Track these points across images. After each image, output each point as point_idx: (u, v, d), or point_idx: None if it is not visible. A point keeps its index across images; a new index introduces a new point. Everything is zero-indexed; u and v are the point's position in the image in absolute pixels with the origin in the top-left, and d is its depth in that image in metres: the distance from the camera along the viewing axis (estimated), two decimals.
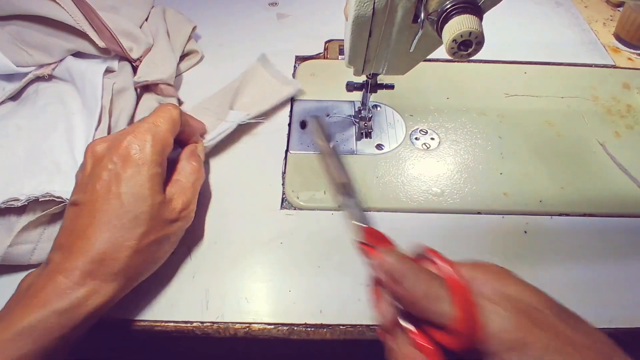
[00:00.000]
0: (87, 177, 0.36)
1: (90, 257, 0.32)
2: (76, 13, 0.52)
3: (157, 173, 0.36)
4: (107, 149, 0.36)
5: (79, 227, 0.34)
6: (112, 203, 0.34)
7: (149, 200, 0.35)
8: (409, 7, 0.34)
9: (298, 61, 0.62)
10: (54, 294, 0.31)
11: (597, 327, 0.38)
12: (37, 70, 0.54)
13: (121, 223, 0.33)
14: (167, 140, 0.38)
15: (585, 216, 0.46)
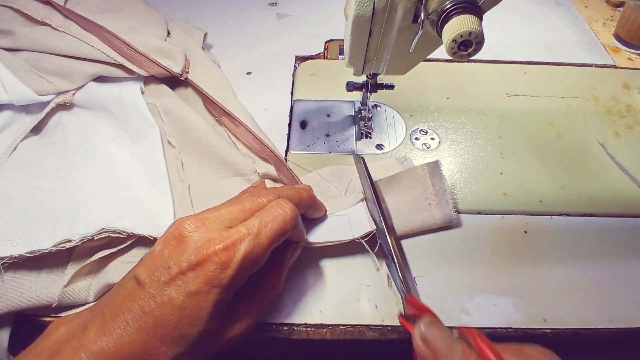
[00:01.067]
0: (162, 259, 0.31)
1: (121, 349, 0.29)
2: (105, 48, 0.52)
3: (224, 300, 0.31)
4: (195, 239, 0.31)
5: (126, 310, 0.30)
6: (165, 310, 0.30)
7: (202, 325, 0.30)
8: (409, 7, 0.34)
9: (298, 61, 0.62)
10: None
11: (597, 327, 0.38)
12: (57, 97, 0.52)
13: (163, 333, 0.29)
14: (260, 259, 0.31)
15: (585, 216, 0.46)
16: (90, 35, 0.52)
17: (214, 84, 0.54)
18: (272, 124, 0.53)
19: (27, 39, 0.52)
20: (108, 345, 0.29)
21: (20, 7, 0.53)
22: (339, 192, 0.45)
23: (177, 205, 0.43)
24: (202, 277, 0.30)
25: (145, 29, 0.57)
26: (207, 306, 0.30)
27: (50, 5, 0.54)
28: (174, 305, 0.29)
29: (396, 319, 0.38)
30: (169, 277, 0.30)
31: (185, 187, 0.44)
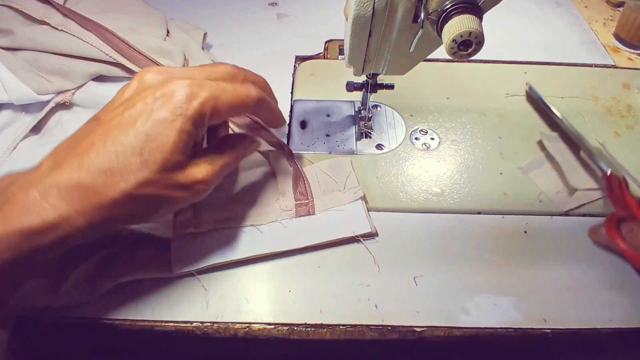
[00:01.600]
0: (123, 99, 0.33)
1: (76, 180, 0.29)
2: (104, 46, 0.52)
3: (189, 131, 0.32)
4: (156, 82, 0.33)
5: (84, 143, 0.30)
6: (130, 136, 0.30)
7: (166, 152, 0.31)
8: (409, 7, 0.34)
9: (298, 61, 0.62)
10: (21, 209, 0.28)
11: (597, 327, 0.38)
12: (57, 97, 0.52)
13: (126, 160, 0.30)
14: (220, 112, 0.33)
15: (585, 216, 0.46)
16: (89, 34, 0.52)
17: None
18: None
19: (26, 38, 0.52)
20: (63, 178, 0.29)
21: (19, 6, 0.53)
22: (338, 185, 0.45)
23: None
24: (167, 105, 0.31)
25: (144, 28, 0.57)
26: (172, 134, 0.31)
27: (49, 4, 0.54)
28: (139, 131, 0.30)
29: (396, 319, 0.38)
30: (132, 109, 0.31)
31: None
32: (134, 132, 0.30)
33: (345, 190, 0.45)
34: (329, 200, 0.44)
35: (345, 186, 0.45)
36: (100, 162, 0.29)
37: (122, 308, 0.38)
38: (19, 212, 0.27)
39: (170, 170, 0.31)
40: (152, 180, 0.31)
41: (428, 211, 0.46)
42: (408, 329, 0.38)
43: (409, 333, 0.38)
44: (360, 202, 0.44)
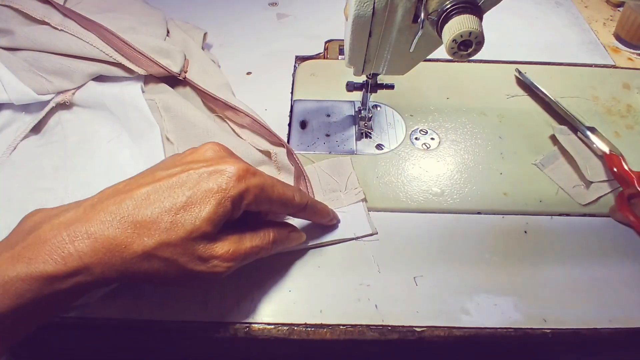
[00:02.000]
0: (182, 162, 0.34)
1: (107, 230, 0.29)
2: (104, 46, 0.52)
3: (226, 209, 0.32)
4: (215, 157, 0.34)
5: (128, 192, 0.31)
6: (172, 197, 0.31)
7: (196, 221, 0.31)
8: (409, 7, 0.34)
9: (298, 61, 0.62)
10: (48, 250, 0.28)
11: (597, 327, 0.38)
12: (57, 97, 0.52)
13: (159, 217, 0.30)
14: (262, 202, 0.34)
15: (584, 216, 0.46)
16: (89, 34, 0.52)
17: (213, 83, 0.54)
18: (272, 124, 0.53)
19: (26, 38, 0.52)
20: (95, 226, 0.29)
21: (19, 6, 0.53)
22: (338, 185, 0.46)
23: None
24: (216, 179, 0.32)
25: (144, 28, 0.57)
26: (210, 205, 0.31)
27: (49, 4, 0.54)
28: (177, 194, 0.31)
29: (396, 319, 0.38)
30: (179, 174, 0.32)
31: None
32: (176, 194, 0.31)
33: (347, 191, 0.45)
34: (330, 200, 0.44)
35: (346, 187, 0.46)
36: (135, 213, 0.30)
37: (122, 308, 0.38)
38: (46, 253, 0.28)
39: (194, 239, 0.31)
40: (173, 243, 0.30)
41: (428, 211, 0.46)
42: (408, 329, 0.38)
43: (409, 333, 0.38)
44: (361, 204, 0.45)
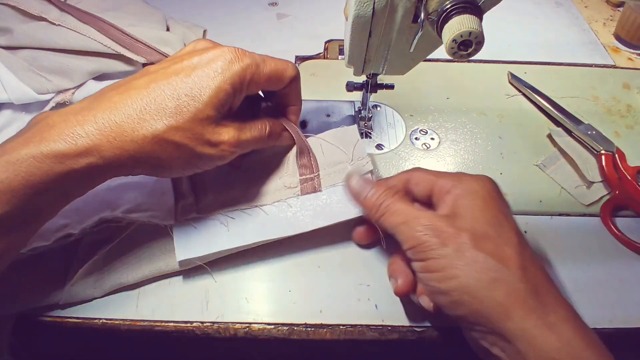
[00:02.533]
0: (173, 57, 0.36)
1: (112, 115, 0.31)
2: (103, 38, 0.51)
3: (226, 92, 0.33)
4: (207, 49, 0.36)
5: (127, 85, 0.33)
6: (171, 84, 0.32)
7: (200, 104, 0.32)
8: (409, 7, 0.34)
9: (298, 61, 0.62)
10: (58, 132, 0.30)
11: (597, 327, 0.38)
12: (57, 96, 0.52)
13: (163, 104, 0.32)
14: (259, 80, 0.35)
15: (585, 216, 0.46)
16: (88, 27, 0.52)
17: None
18: None
19: (24, 35, 0.51)
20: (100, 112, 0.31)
21: (17, 3, 0.53)
22: (344, 156, 0.43)
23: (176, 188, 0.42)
24: (212, 64, 0.33)
25: (145, 24, 0.57)
26: (210, 89, 0.33)
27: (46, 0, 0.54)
28: (178, 80, 0.33)
29: (396, 319, 0.38)
30: (178, 64, 0.34)
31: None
32: (176, 80, 0.33)
33: (353, 161, 0.42)
34: (336, 173, 0.42)
35: (352, 157, 0.43)
36: (138, 102, 0.32)
37: (122, 308, 0.38)
38: (56, 135, 0.29)
39: (200, 123, 0.33)
40: (181, 127, 0.32)
41: None
42: (408, 329, 0.38)
43: (409, 333, 0.38)
44: (370, 177, 0.41)
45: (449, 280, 0.30)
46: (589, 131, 0.51)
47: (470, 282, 0.29)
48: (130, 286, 0.39)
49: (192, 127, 0.33)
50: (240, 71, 0.34)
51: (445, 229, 0.31)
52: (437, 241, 0.30)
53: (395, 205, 0.34)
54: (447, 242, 0.30)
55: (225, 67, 0.34)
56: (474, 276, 0.29)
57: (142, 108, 0.32)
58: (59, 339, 0.41)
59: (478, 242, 0.30)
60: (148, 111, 0.32)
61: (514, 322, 0.28)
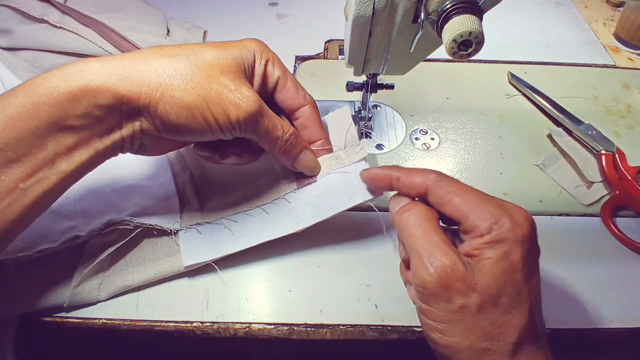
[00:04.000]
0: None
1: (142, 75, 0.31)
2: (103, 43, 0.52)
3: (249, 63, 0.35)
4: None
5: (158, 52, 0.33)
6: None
7: (224, 58, 0.33)
8: (409, 7, 0.34)
9: (298, 61, 0.62)
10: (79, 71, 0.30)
11: (598, 327, 0.38)
12: None
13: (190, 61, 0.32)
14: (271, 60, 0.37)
15: (585, 216, 0.46)
16: (88, 30, 0.52)
17: None
18: None
19: (25, 36, 0.52)
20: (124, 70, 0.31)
21: (18, 5, 0.53)
22: (339, 139, 0.41)
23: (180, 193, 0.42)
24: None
25: (145, 27, 0.57)
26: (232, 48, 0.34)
27: (48, 2, 0.54)
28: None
29: (396, 319, 0.38)
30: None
31: (187, 174, 0.44)
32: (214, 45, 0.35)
33: (347, 149, 0.41)
34: (329, 161, 0.40)
35: (345, 144, 0.41)
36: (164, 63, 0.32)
37: (122, 308, 0.38)
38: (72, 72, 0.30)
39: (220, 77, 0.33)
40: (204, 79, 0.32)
41: None
42: (408, 329, 0.38)
43: (409, 333, 0.38)
44: (364, 164, 0.40)
45: (441, 334, 0.28)
46: (589, 131, 0.51)
47: (462, 346, 0.27)
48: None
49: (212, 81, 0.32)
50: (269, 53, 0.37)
51: (459, 282, 0.27)
52: (444, 294, 0.28)
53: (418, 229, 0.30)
54: (454, 297, 0.27)
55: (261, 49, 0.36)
56: (467, 342, 0.27)
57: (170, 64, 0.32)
58: (59, 339, 0.41)
59: (485, 308, 0.27)
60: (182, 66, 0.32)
61: None
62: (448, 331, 0.28)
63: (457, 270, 0.27)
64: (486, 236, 0.28)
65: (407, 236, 0.30)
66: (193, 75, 0.32)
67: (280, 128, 0.36)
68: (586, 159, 0.49)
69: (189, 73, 0.32)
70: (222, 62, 0.33)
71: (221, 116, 0.32)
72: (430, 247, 0.28)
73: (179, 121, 0.32)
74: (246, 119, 0.33)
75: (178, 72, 0.31)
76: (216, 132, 0.33)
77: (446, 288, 0.27)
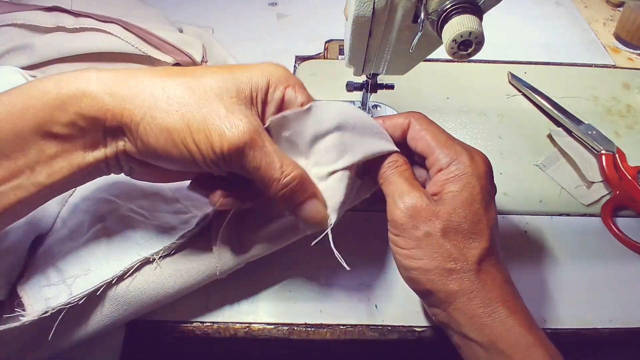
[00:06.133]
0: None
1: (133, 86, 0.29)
2: (129, 36, 0.49)
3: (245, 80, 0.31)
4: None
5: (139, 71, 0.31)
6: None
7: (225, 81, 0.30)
8: (409, 7, 0.34)
9: (298, 61, 0.62)
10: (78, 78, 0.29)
11: (597, 327, 0.38)
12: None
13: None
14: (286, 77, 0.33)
15: (585, 216, 0.46)
16: (111, 25, 0.49)
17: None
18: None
19: (47, 47, 0.49)
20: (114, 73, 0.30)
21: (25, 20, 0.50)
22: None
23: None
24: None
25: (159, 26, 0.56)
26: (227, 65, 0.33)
27: (57, 10, 0.51)
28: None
29: (396, 319, 0.38)
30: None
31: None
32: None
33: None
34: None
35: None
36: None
37: None
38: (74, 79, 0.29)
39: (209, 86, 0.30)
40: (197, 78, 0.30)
41: None
42: (408, 329, 0.38)
43: (409, 333, 0.38)
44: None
45: (411, 259, 0.32)
46: (589, 131, 0.51)
47: (430, 267, 0.31)
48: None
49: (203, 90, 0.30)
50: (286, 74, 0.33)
51: (423, 212, 0.32)
52: (411, 223, 0.32)
53: (393, 177, 0.34)
54: (420, 224, 0.32)
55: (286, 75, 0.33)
56: (434, 263, 0.31)
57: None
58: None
59: (449, 233, 0.32)
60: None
61: (459, 307, 0.31)
62: (417, 255, 0.32)
63: (422, 203, 0.32)
64: (445, 170, 0.33)
65: (384, 184, 0.35)
66: (182, 97, 0.29)
67: (278, 168, 0.30)
68: (586, 159, 0.49)
69: (177, 95, 0.29)
70: (221, 85, 0.30)
71: (203, 144, 0.29)
72: (401, 190, 0.33)
73: (158, 145, 0.29)
74: (230, 150, 0.29)
75: (166, 92, 0.29)
76: (199, 162, 0.29)
77: (413, 218, 0.32)
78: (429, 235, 0.32)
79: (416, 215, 0.32)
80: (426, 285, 0.32)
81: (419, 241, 0.32)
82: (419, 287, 0.33)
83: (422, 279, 0.32)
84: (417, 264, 0.32)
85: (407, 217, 0.32)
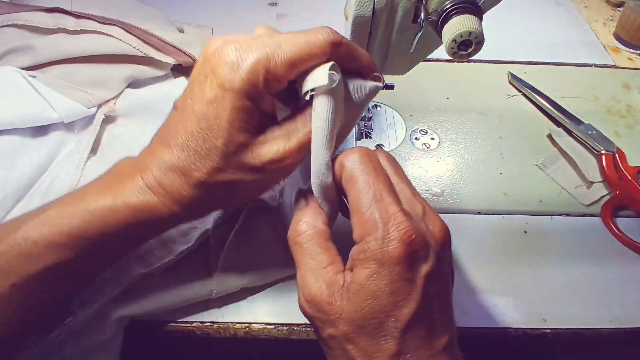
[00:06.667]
0: (190, 79, 0.30)
1: (164, 166, 0.29)
2: (129, 38, 0.49)
3: (244, 107, 0.27)
4: (216, 49, 0.28)
5: (167, 131, 0.29)
6: (192, 124, 0.28)
7: (223, 137, 0.27)
8: (409, 7, 0.34)
9: None
10: (130, 189, 0.29)
11: (597, 327, 0.38)
12: (100, 110, 0.48)
13: (195, 145, 0.28)
14: (279, 73, 0.27)
15: (585, 216, 0.46)
16: (112, 27, 0.49)
17: None
18: None
19: (48, 49, 0.48)
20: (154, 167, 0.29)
21: (26, 21, 0.50)
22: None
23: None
24: (214, 81, 0.27)
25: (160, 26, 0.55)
26: (224, 114, 0.27)
27: (58, 12, 0.51)
28: (195, 117, 0.28)
29: None
30: (191, 90, 0.29)
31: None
32: (194, 119, 0.28)
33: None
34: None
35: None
36: (170, 158, 0.29)
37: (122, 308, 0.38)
38: (129, 190, 0.29)
39: (234, 154, 0.28)
40: (220, 167, 0.28)
41: None
42: None
43: None
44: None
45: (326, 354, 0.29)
46: (589, 131, 0.51)
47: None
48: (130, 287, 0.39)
49: (229, 162, 0.28)
50: (248, 76, 0.27)
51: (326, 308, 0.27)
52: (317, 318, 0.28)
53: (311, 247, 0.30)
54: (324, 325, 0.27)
55: (229, 79, 0.27)
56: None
57: (175, 164, 0.29)
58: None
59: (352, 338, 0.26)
60: (189, 158, 0.28)
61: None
62: (328, 354, 0.28)
63: (326, 299, 0.27)
64: (357, 247, 0.27)
65: (294, 247, 0.30)
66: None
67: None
68: (586, 159, 0.49)
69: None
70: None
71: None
72: (306, 273, 0.28)
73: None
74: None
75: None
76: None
77: (318, 311, 0.27)
78: (333, 338, 0.27)
79: (321, 310, 0.27)
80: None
81: (324, 342, 0.28)
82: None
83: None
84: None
85: (313, 310, 0.27)
